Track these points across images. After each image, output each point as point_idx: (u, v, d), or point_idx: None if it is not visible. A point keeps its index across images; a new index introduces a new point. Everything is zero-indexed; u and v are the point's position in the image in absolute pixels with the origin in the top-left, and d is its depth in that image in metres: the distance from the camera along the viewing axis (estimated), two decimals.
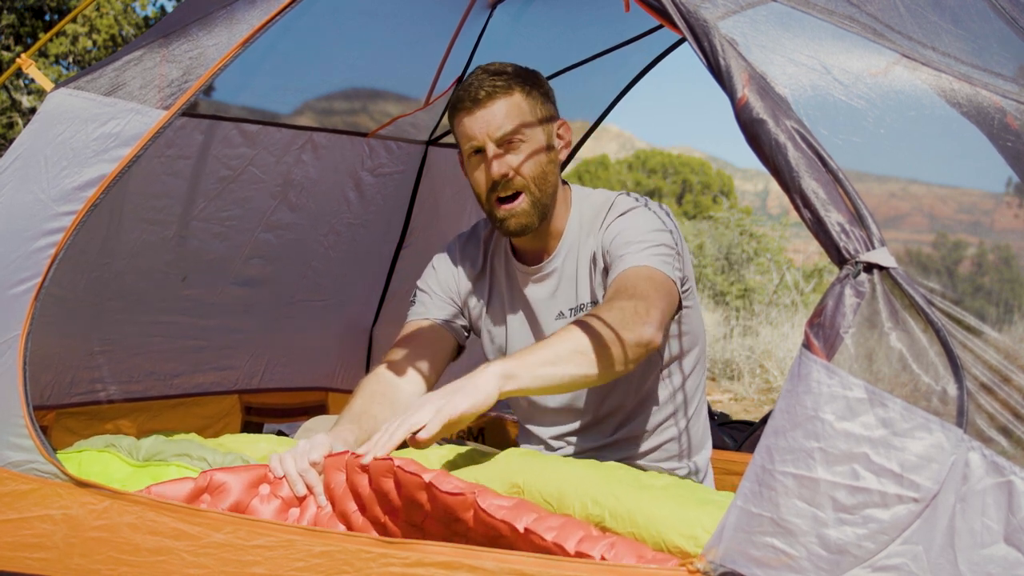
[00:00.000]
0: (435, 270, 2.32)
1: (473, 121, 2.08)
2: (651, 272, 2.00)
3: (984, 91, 1.48)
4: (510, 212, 2.10)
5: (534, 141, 2.10)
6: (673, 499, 1.47)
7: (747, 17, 1.49)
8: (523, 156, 2.09)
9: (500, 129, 2.07)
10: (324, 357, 3.52)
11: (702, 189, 31.43)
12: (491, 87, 2.07)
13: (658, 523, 1.41)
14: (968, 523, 1.24)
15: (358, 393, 2.09)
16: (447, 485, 1.55)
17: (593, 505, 1.49)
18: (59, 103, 2.00)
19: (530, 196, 2.10)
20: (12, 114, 11.58)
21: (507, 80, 2.09)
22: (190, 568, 1.63)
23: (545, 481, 1.56)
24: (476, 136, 2.08)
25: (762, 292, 10.51)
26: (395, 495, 1.63)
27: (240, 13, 1.91)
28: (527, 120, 2.09)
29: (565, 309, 2.20)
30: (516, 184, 2.09)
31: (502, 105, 2.07)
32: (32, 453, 1.84)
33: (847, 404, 1.27)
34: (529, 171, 2.09)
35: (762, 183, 69.74)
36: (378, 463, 1.65)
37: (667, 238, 2.08)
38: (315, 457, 1.75)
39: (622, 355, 1.84)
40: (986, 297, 1.40)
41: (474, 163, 2.11)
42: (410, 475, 1.59)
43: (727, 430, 3.24)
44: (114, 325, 2.93)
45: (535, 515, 1.48)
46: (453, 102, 2.13)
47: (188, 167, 2.94)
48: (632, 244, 2.06)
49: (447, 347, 2.25)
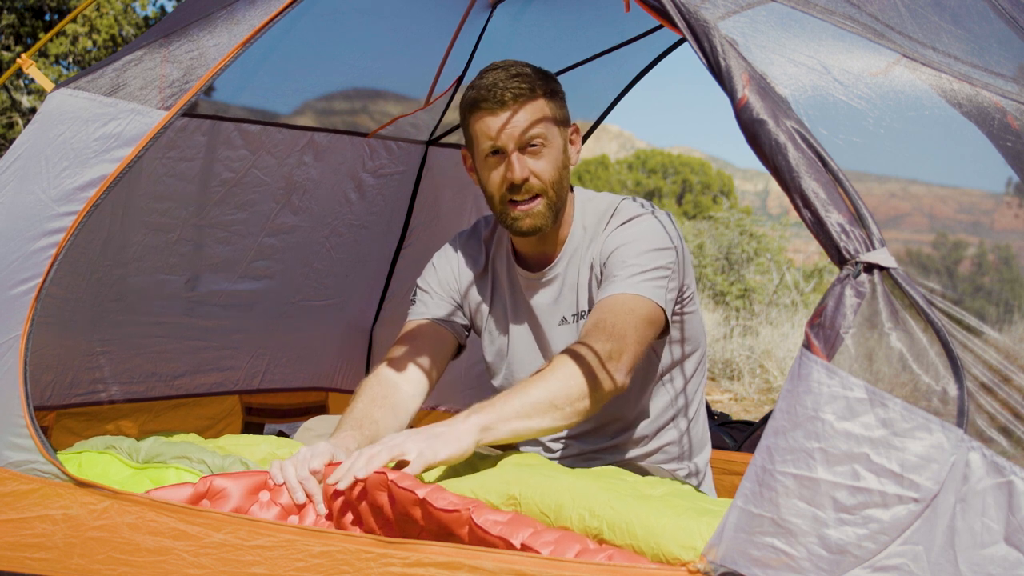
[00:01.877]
0: (435, 269, 2.32)
1: (496, 122, 2.06)
2: (635, 303, 2.00)
3: (984, 91, 1.48)
4: (526, 213, 2.09)
5: (554, 145, 2.10)
6: (672, 509, 1.46)
7: (747, 17, 1.49)
8: (544, 160, 2.08)
9: (525, 134, 2.06)
10: (324, 357, 3.52)
11: (702, 189, 31.42)
12: (517, 90, 2.06)
13: (657, 534, 1.40)
14: (968, 523, 1.24)
15: (359, 396, 2.08)
16: (441, 501, 1.53)
17: (591, 517, 1.48)
18: (60, 103, 2.00)
19: (547, 199, 2.10)
20: (12, 114, 11.58)
21: (531, 83, 2.08)
22: (190, 568, 1.63)
23: (542, 493, 1.54)
24: (499, 138, 2.06)
25: (762, 292, 10.51)
26: (389, 509, 1.61)
27: (240, 13, 1.91)
28: (549, 124, 2.09)
29: (568, 315, 2.20)
30: (535, 188, 2.08)
31: (528, 109, 2.06)
32: (32, 453, 1.84)
33: (847, 404, 1.27)
34: (548, 175, 2.09)
35: (762, 183, 69.75)
36: (373, 477, 1.63)
37: (664, 257, 2.07)
38: (316, 465, 1.74)
39: (590, 406, 1.89)
40: (986, 297, 1.40)
41: (491, 163, 2.10)
42: (404, 491, 1.57)
43: (727, 430, 3.24)
44: (115, 326, 2.93)
45: (531, 530, 1.46)
46: (472, 100, 2.10)
47: (190, 169, 2.94)
48: (625, 266, 2.05)
49: (448, 346, 2.24)
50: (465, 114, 2.13)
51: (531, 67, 2.12)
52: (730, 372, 7.18)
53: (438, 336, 2.24)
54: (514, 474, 1.64)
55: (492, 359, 2.31)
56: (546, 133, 2.08)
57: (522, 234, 2.13)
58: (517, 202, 2.09)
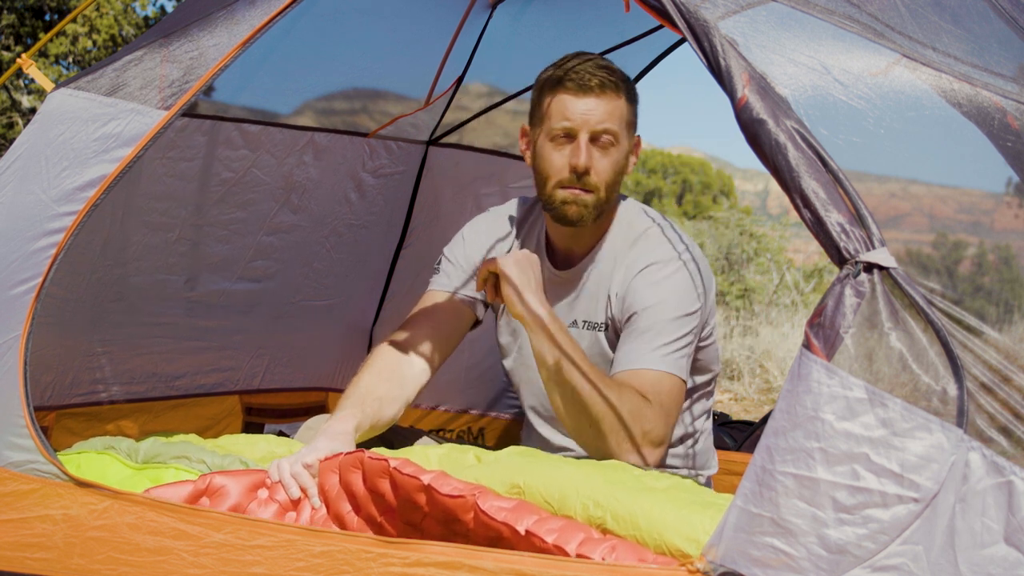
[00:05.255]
0: (464, 241, 2.30)
1: (578, 104, 2.04)
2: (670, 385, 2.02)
3: (984, 91, 1.48)
4: (575, 197, 2.07)
5: (621, 147, 2.09)
6: (676, 502, 1.46)
7: (747, 17, 1.49)
8: (608, 159, 2.07)
9: (601, 124, 2.05)
10: (324, 357, 3.52)
11: (702, 189, 31.39)
12: (604, 79, 2.05)
13: (660, 526, 1.40)
14: (968, 523, 1.25)
15: (367, 367, 2.08)
16: (446, 487, 1.54)
17: (595, 507, 1.48)
18: (59, 103, 2.00)
19: (596, 197, 2.08)
20: (12, 114, 11.57)
21: (617, 79, 2.07)
22: (190, 568, 1.63)
23: (546, 482, 1.55)
24: (575, 120, 2.04)
25: (762, 292, 10.51)
26: (391, 496, 1.62)
27: (240, 13, 1.91)
28: (623, 125, 2.08)
29: (580, 320, 2.19)
30: (591, 182, 2.06)
31: (610, 102, 2.05)
32: (32, 453, 1.84)
33: (847, 404, 1.27)
34: (607, 175, 2.07)
35: (762, 183, 69.74)
36: (374, 463, 1.64)
37: (691, 322, 2.07)
38: (309, 460, 1.75)
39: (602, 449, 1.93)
40: (986, 297, 1.40)
41: (558, 143, 2.07)
42: (408, 477, 1.58)
43: (727, 430, 3.24)
44: (115, 326, 2.93)
45: (536, 517, 1.47)
46: (556, 78, 2.07)
47: (190, 169, 2.94)
48: (655, 334, 2.04)
49: (465, 321, 2.24)
50: (542, 90, 2.10)
51: (615, 65, 2.11)
52: (730, 372, 7.18)
53: (456, 310, 2.23)
54: (518, 463, 1.65)
55: (506, 340, 2.31)
56: (619, 132, 2.07)
57: (564, 221, 2.10)
58: (570, 186, 2.07)
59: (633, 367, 2.02)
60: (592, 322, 2.17)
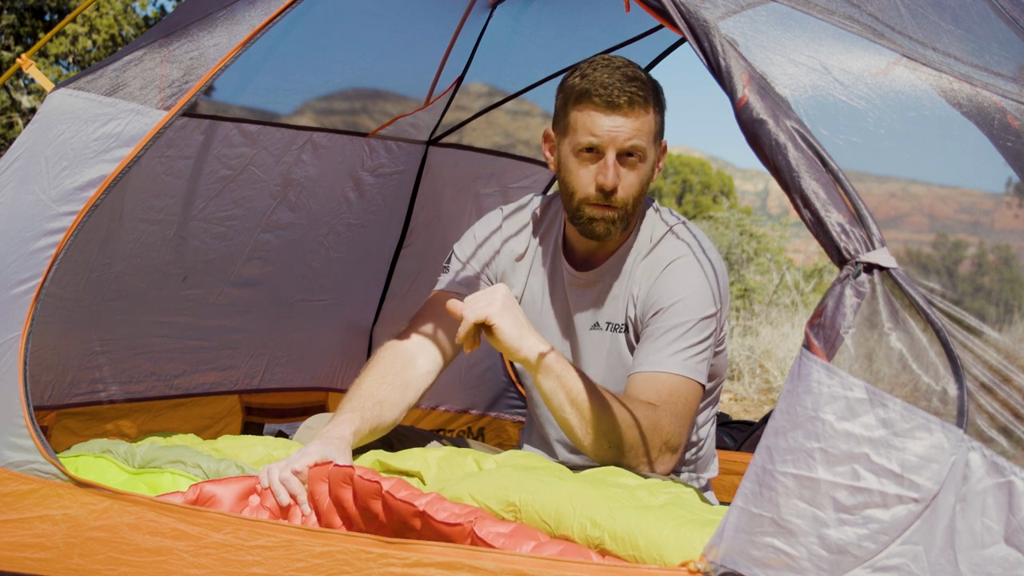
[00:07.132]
0: (475, 239, 2.25)
1: (605, 122, 1.99)
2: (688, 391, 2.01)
3: (984, 91, 1.48)
4: (603, 215, 2.03)
5: (648, 161, 2.04)
6: (674, 520, 1.44)
7: (747, 17, 1.49)
8: (635, 175, 2.03)
9: (628, 142, 1.99)
10: (324, 357, 3.52)
11: (702, 189, 31.39)
12: (632, 94, 1.98)
13: (660, 546, 1.39)
14: (968, 523, 1.25)
15: (370, 368, 2.05)
16: (443, 513, 1.51)
17: (592, 527, 1.46)
18: (59, 103, 2.00)
19: (622, 212, 2.04)
20: (12, 114, 11.57)
21: (646, 93, 2.01)
22: (190, 568, 1.63)
23: (543, 501, 1.52)
24: (603, 138, 1.99)
25: (762, 292, 10.51)
26: (384, 516, 1.59)
27: (240, 13, 1.91)
28: (650, 140, 2.03)
29: (602, 322, 2.16)
30: (618, 200, 2.02)
31: (639, 119, 2.00)
32: (32, 453, 1.84)
33: (847, 404, 1.27)
34: (634, 191, 2.04)
35: (762, 183, 69.77)
36: (365, 485, 1.60)
37: (710, 326, 2.05)
38: (298, 467, 1.73)
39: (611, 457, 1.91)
40: (986, 297, 1.40)
41: (583, 159, 2.02)
42: (402, 503, 1.55)
43: (727, 430, 3.24)
44: (114, 325, 2.93)
45: (534, 543, 1.45)
46: (583, 90, 2.01)
47: (188, 167, 2.93)
48: (675, 337, 2.02)
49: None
50: (568, 100, 2.04)
51: (644, 73, 2.05)
52: (730, 372, 7.18)
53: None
54: (514, 479, 1.62)
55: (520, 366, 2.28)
56: (646, 148, 2.02)
57: (592, 236, 2.07)
58: (597, 203, 2.03)
59: (652, 370, 2.00)
60: (614, 323, 2.15)
